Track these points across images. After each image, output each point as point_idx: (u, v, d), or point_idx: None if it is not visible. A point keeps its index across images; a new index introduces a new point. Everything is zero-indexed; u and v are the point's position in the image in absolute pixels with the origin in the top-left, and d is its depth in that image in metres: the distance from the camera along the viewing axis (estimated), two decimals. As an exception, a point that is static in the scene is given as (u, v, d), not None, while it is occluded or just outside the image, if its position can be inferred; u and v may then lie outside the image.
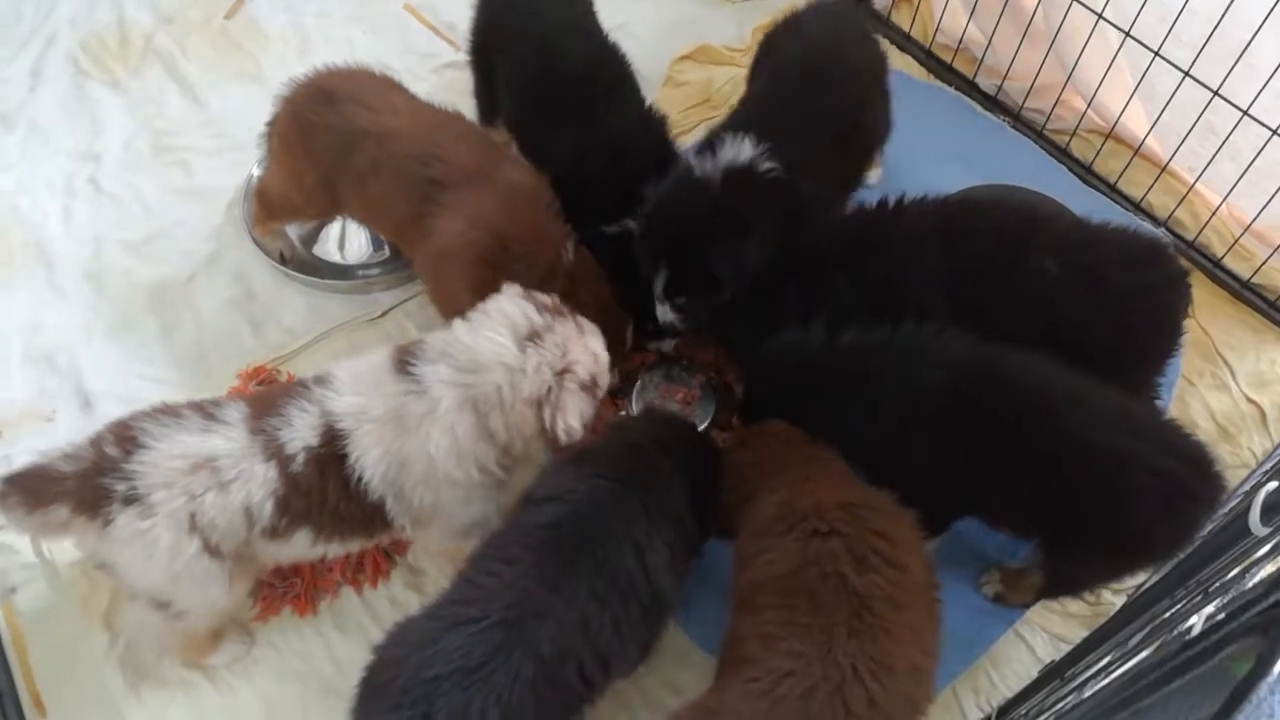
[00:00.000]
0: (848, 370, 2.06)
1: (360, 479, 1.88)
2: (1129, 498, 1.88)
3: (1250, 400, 2.62)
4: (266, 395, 1.97)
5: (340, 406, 1.89)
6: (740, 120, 2.35)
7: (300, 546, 1.95)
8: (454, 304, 2.28)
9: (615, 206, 2.36)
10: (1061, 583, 2.18)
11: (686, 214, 2.24)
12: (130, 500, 1.80)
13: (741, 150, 2.23)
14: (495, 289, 2.13)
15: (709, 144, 2.29)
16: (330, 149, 2.36)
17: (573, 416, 1.90)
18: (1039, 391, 1.96)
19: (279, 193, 2.58)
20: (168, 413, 1.88)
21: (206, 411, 1.88)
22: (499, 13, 2.61)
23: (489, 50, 2.65)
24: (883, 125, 2.69)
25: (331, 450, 1.87)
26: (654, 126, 2.51)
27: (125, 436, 1.83)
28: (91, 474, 1.80)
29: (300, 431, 1.87)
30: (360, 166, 2.33)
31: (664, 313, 2.36)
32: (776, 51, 2.56)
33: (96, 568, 1.94)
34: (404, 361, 1.93)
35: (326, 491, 1.88)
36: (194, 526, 1.83)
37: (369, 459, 1.88)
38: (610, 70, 2.53)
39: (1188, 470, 1.88)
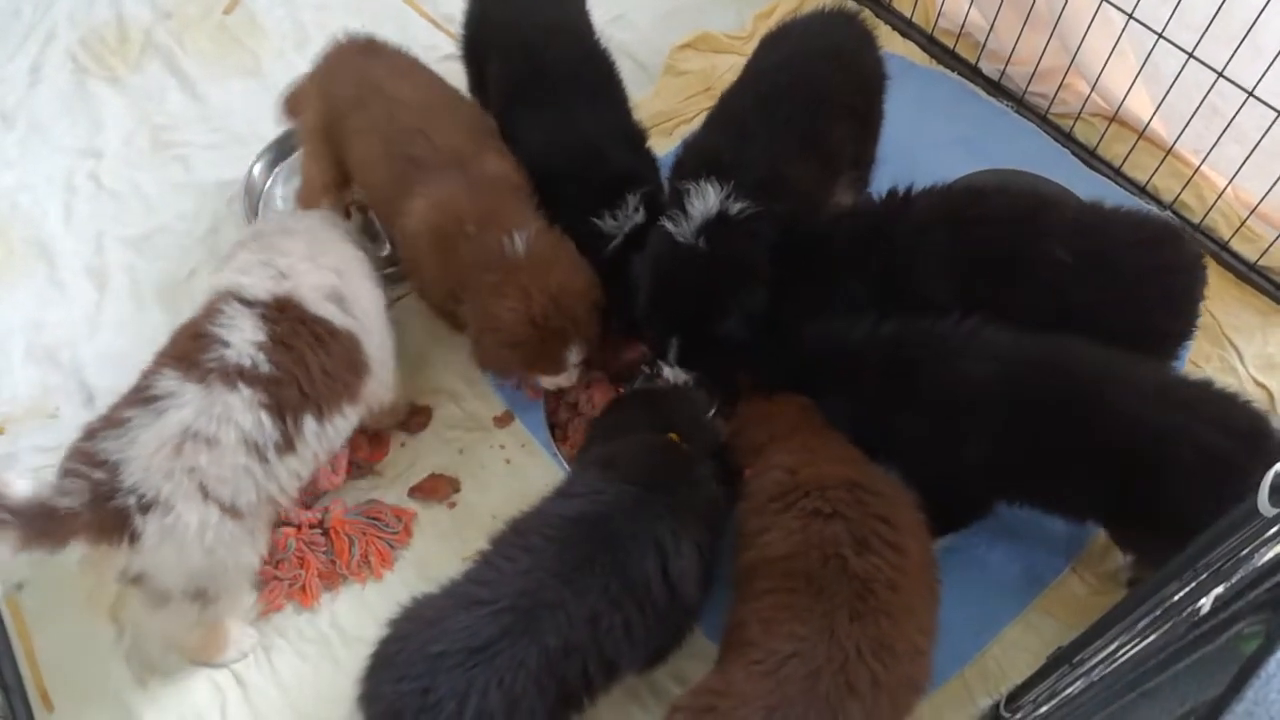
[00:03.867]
0: (894, 361, 2.06)
1: (323, 317, 2.04)
2: (1181, 474, 1.85)
3: (1258, 383, 2.60)
4: (180, 345, 1.99)
5: (261, 291, 2.02)
6: (700, 148, 2.32)
7: (313, 443, 2.01)
8: (423, 281, 2.38)
9: (591, 205, 2.33)
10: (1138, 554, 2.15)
11: (686, 285, 2.19)
12: (147, 507, 1.81)
13: (708, 200, 2.17)
14: (453, 269, 2.21)
15: (676, 197, 2.24)
16: (344, 95, 2.39)
17: None
18: (1087, 374, 1.95)
19: (303, 145, 2.61)
20: (109, 425, 1.87)
21: (143, 399, 1.89)
22: (489, 8, 2.60)
23: (480, 45, 2.64)
24: (864, 152, 2.63)
25: (285, 324, 1.99)
26: (633, 130, 2.49)
27: (98, 462, 1.82)
28: (101, 501, 1.79)
29: (243, 339, 1.94)
30: (362, 123, 2.35)
31: (676, 374, 2.30)
32: (756, 59, 2.51)
33: (128, 583, 1.93)
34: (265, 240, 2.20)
35: (304, 358, 1.98)
36: (207, 496, 1.86)
37: (320, 295, 2.06)
38: (595, 71, 2.51)
39: (1238, 444, 1.85)
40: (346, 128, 2.39)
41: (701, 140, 2.37)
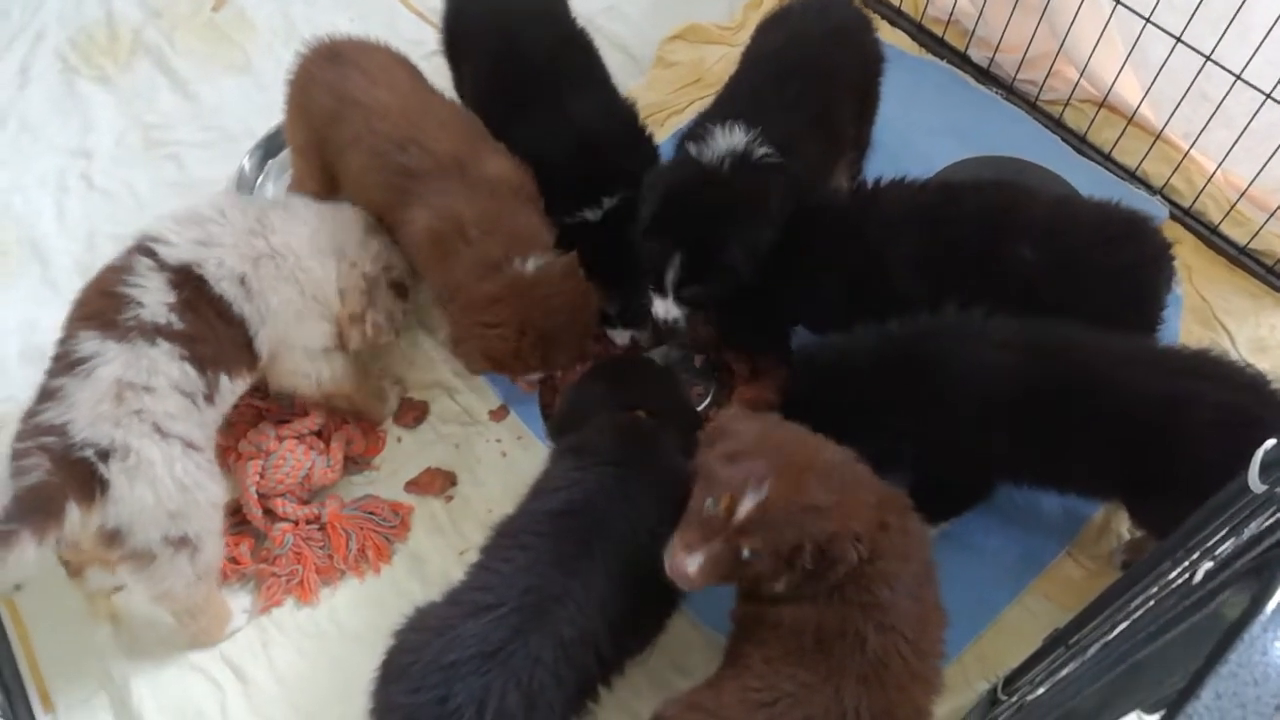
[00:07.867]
0: (911, 361, 2.05)
1: (223, 297, 2.08)
2: (1199, 435, 1.87)
3: (1250, 366, 2.61)
4: (92, 304, 2.03)
5: (172, 255, 2.06)
6: (723, 109, 2.31)
7: (228, 398, 2.13)
8: (437, 285, 2.33)
9: (578, 195, 2.32)
10: (1154, 528, 2.15)
11: (703, 201, 2.17)
12: (105, 454, 1.85)
13: (735, 138, 2.19)
14: (457, 275, 2.18)
15: (699, 133, 2.24)
16: (322, 110, 2.35)
17: None
18: (1092, 352, 1.97)
19: (292, 160, 2.59)
20: (45, 398, 1.92)
21: (70, 365, 1.93)
22: (465, 2, 2.59)
23: (459, 38, 2.63)
24: (862, 134, 2.65)
25: (189, 290, 2.04)
26: (622, 115, 2.46)
27: (45, 430, 1.86)
28: (64, 459, 1.83)
29: (155, 299, 2.00)
30: (344, 136, 2.31)
31: (667, 307, 2.28)
32: (758, 42, 2.52)
33: (106, 549, 1.92)
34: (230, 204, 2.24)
35: (210, 321, 2.06)
36: (165, 434, 1.93)
37: (225, 271, 2.09)
38: (575, 58, 2.49)
39: (1250, 398, 1.90)
40: (331, 143, 2.36)
41: (715, 114, 2.34)
